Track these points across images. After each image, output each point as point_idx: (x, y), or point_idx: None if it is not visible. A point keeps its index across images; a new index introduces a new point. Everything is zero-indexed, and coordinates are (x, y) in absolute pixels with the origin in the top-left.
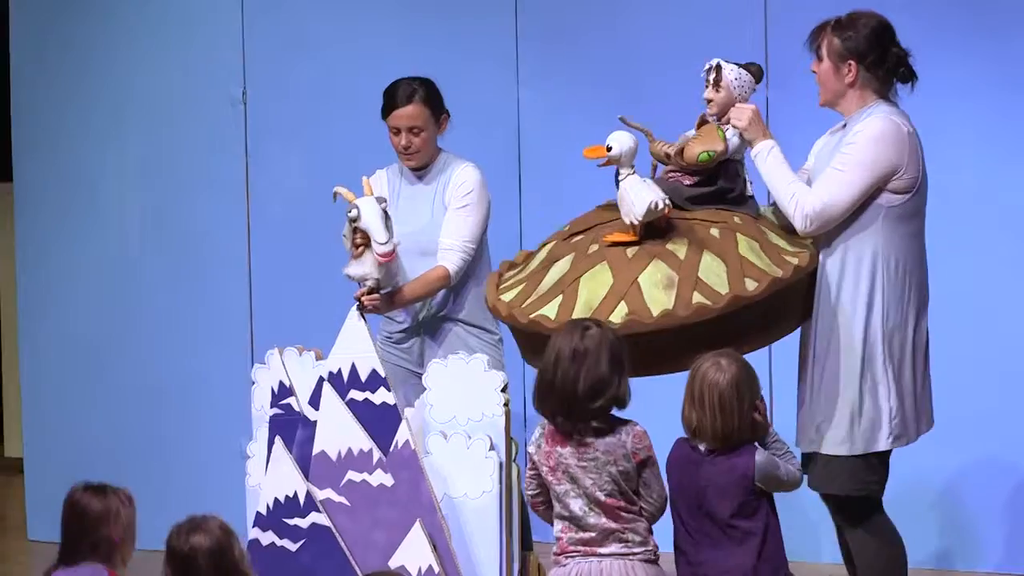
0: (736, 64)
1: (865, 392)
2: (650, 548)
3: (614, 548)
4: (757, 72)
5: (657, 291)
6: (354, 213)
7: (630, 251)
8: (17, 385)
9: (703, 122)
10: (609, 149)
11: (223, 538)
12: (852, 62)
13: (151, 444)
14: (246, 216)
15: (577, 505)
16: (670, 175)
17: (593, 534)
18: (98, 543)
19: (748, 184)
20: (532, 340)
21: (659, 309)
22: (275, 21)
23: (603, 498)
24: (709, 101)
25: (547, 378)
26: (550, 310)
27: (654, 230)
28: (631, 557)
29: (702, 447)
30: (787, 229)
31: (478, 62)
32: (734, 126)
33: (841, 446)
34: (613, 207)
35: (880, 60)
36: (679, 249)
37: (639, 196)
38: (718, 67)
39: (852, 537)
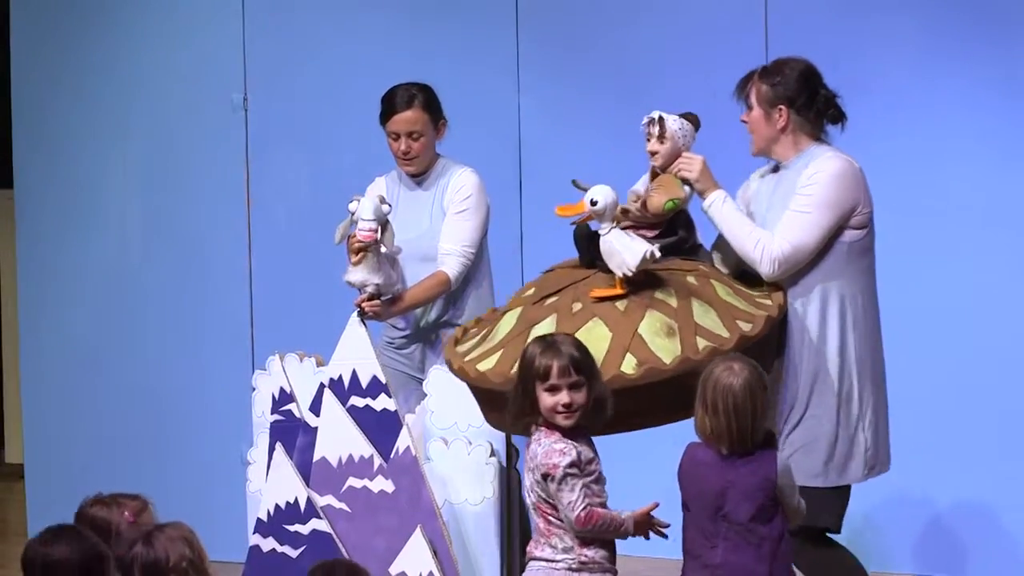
0: (675, 115)
1: (841, 426)
2: (573, 557)
3: (543, 553)
4: (695, 121)
5: (660, 339)
6: (354, 205)
7: (620, 304)
8: (18, 391)
9: (655, 174)
10: (594, 203)
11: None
12: (782, 107)
13: (152, 450)
14: (247, 222)
15: (528, 500)
16: (627, 231)
17: (535, 533)
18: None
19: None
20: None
21: (669, 356)
22: (276, 27)
23: (535, 500)
24: (654, 153)
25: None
26: None
27: (636, 282)
28: (555, 564)
29: (724, 450)
30: (737, 276)
31: (479, 69)
32: (684, 177)
33: (816, 478)
34: (572, 266)
35: (809, 103)
36: (669, 298)
37: (629, 248)
38: (661, 119)
39: (810, 562)
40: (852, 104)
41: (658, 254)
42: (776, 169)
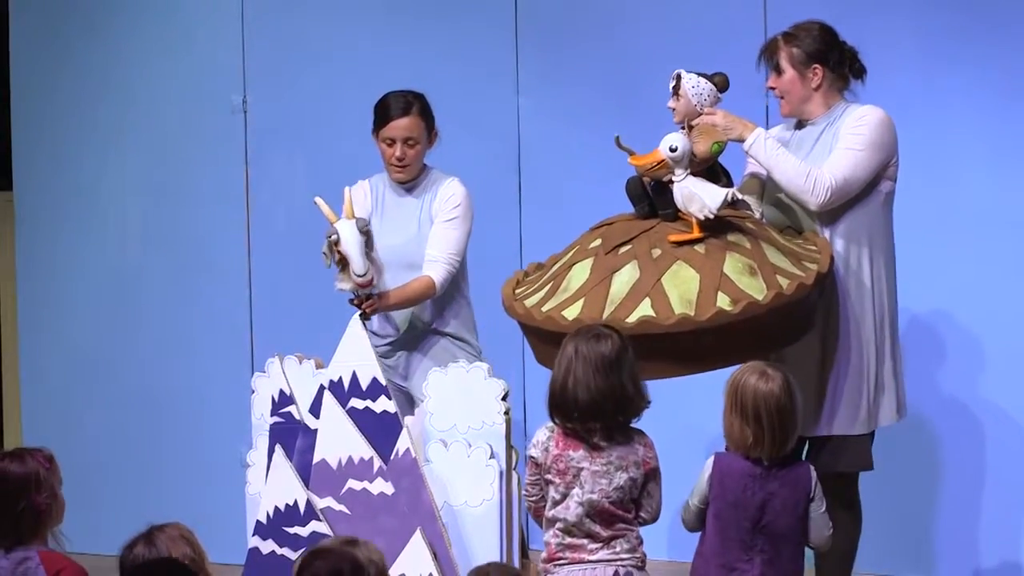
0: (699, 74)
1: (878, 370)
2: (639, 556)
3: (602, 555)
4: (721, 82)
5: (746, 278)
6: (335, 237)
7: (699, 247)
8: (17, 394)
9: (690, 127)
10: (674, 150)
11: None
12: (817, 66)
13: (151, 453)
14: (246, 224)
15: (575, 511)
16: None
17: (584, 541)
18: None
19: None
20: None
21: (759, 293)
22: (275, 28)
23: (606, 505)
24: (672, 110)
25: (569, 383)
26: (642, 311)
27: (711, 226)
28: (621, 563)
29: (764, 460)
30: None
31: (478, 70)
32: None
33: (861, 425)
34: (627, 219)
35: (840, 59)
36: (742, 240)
37: (709, 191)
38: (678, 76)
39: (837, 514)
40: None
41: (740, 195)
42: (799, 127)
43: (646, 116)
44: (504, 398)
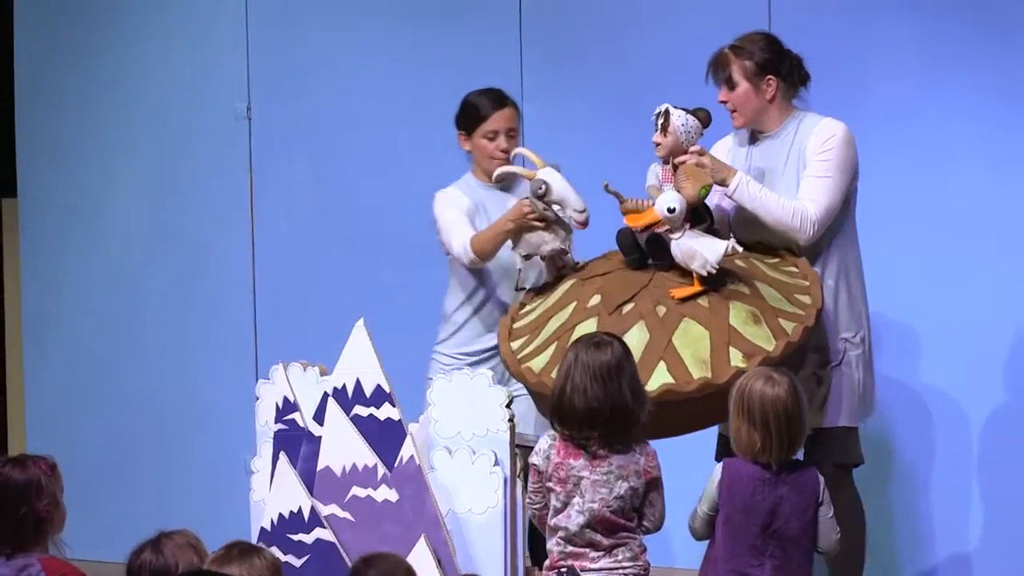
0: (685, 110)
1: (862, 369)
2: (641, 564)
3: (603, 563)
4: (705, 118)
5: (751, 327)
6: (542, 189)
7: (703, 301)
8: (21, 400)
9: (675, 167)
10: (672, 211)
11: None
12: (771, 77)
13: (155, 459)
14: (250, 230)
15: (576, 520)
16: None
17: (585, 549)
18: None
19: None
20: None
21: (768, 343)
22: (279, 35)
23: (607, 514)
24: (657, 144)
25: (567, 390)
26: (661, 377)
27: (711, 277)
28: (621, 571)
29: (773, 465)
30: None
31: (482, 77)
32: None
33: (854, 418)
34: (618, 264)
35: (790, 68)
36: (739, 287)
37: (709, 245)
38: (666, 112)
39: (841, 508)
40: (852, 110)
41: (739, 248)
42: (753, 140)
43: (650, 123)
44: (508, 405)
